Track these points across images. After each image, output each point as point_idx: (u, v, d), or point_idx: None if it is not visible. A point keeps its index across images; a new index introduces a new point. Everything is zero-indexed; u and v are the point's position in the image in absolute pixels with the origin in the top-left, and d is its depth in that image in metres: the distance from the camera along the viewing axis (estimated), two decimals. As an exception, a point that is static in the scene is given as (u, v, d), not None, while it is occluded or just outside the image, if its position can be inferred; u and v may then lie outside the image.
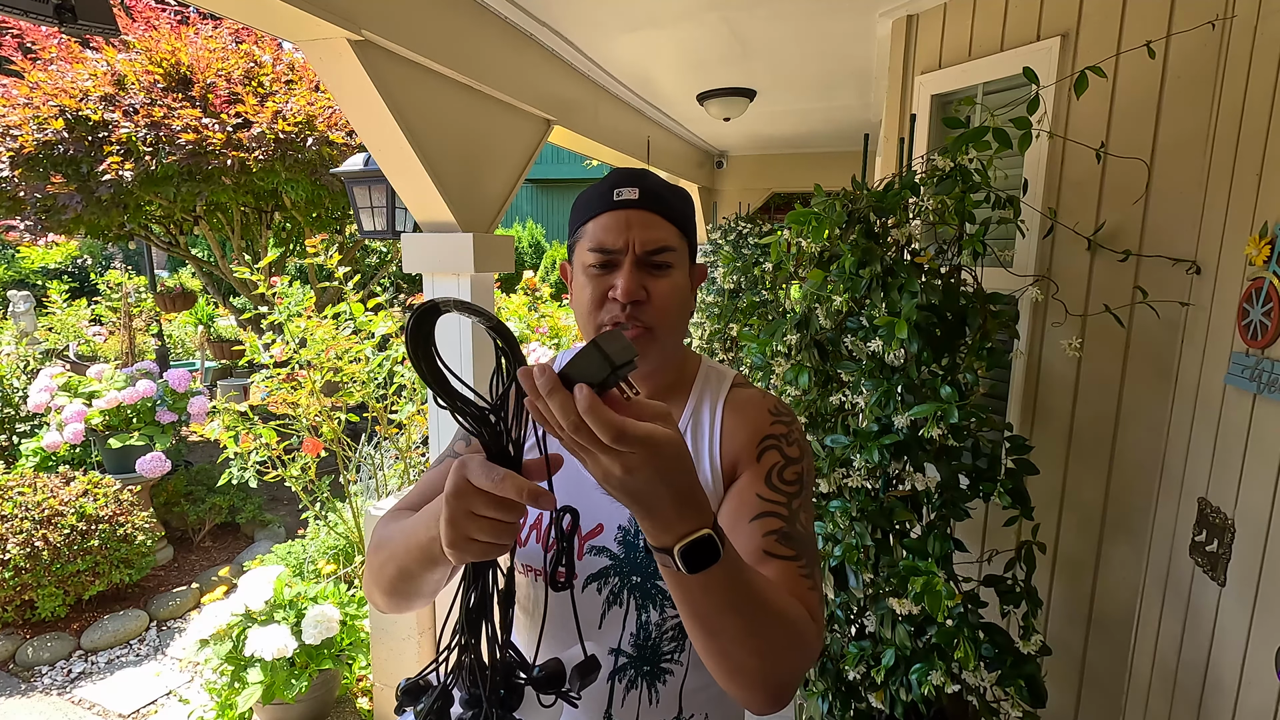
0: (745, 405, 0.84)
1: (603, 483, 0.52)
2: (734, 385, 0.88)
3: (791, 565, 0.72)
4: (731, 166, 5.37)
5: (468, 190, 2.01)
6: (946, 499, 1.42)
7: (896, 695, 1.43)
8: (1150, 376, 1.55)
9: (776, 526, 0.75)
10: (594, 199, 0.82)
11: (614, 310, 0.78)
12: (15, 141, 3.63)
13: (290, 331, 2.81)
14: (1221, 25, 1.36)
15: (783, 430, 0.82)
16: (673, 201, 0.81)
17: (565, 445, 0.51)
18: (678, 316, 0.81)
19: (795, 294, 1.70)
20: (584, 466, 0.52)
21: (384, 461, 3.07)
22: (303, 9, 1.37)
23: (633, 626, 0.80)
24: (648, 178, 0.81)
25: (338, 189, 4.05)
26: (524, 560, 0.83)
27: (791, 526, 0.75)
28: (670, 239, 0.79)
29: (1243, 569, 1.18)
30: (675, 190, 0.83)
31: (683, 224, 0.82)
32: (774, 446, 0.80)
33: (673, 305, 0.80)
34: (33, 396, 3.69)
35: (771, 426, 0.82)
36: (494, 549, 0.56)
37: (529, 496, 0.52)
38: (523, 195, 14.37)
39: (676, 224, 0.81)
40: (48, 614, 3.02)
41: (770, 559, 0.72)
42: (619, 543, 0.80)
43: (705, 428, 0.84)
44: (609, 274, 0.79)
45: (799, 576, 0.72)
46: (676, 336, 0.83)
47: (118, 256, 9.72)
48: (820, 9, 2.18)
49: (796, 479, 0.79)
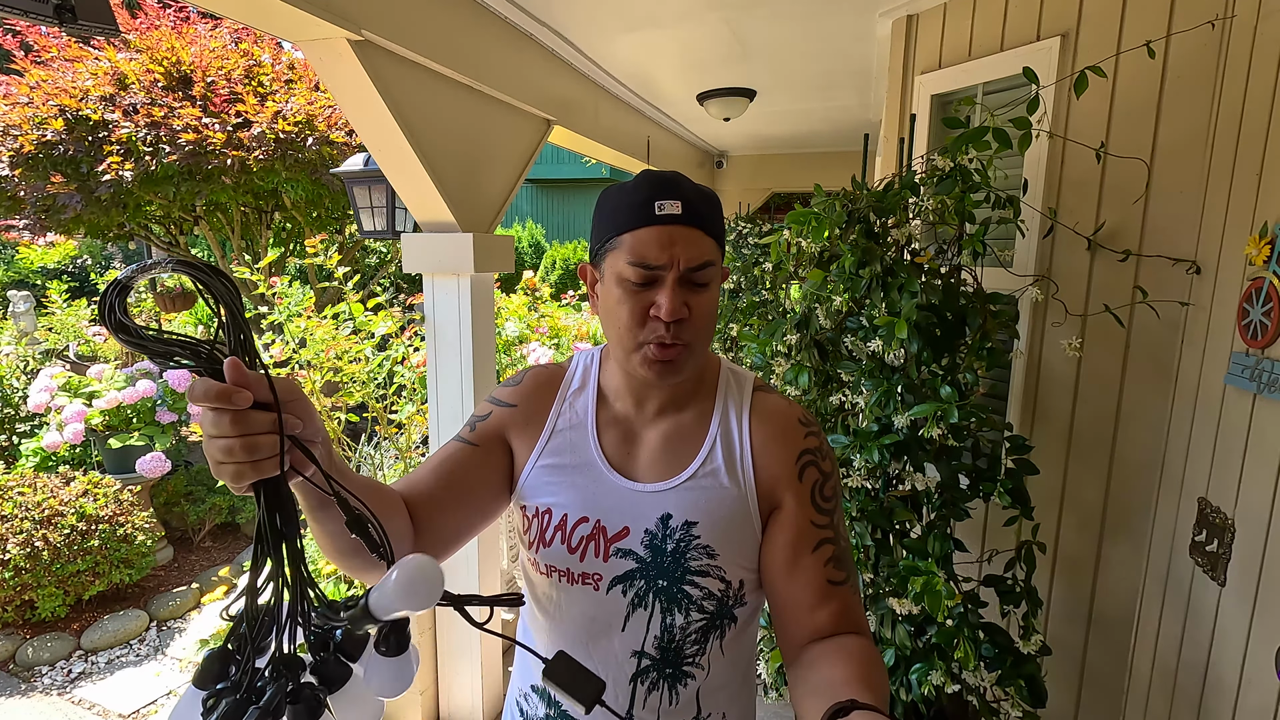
0: (773, 416, 0.85)
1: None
2: (755, 389, 0.88)
3: (846, 589, 0.79)
4: (731, 166, 5.37)
5: (468, 190, 2.01)
6: (946, 499, 1.42)
7: (896, 695, 1.43)
8: (1150, 376, 1.55)
9: (831, 553, 0.79)
10: (632, 209, 0.77)
11: (658, 329, 0.76)
12: (15, 141, 3.63)
13: (290, 331, 2.81)
14: (1221, 25, 1.36)
15: (815, 444, 0.84)
16: (711, 214, 0.79)
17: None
18: (712, 329, 0.82)
19: (795, 294, 1.70)
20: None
21: (384, 461, 3.07)
22: (303, 9, 1.37)
23: (656, 629, 0.80)
24: (683, 186, 0.78)
25: (338, 189, 4.05)
26: (547, 561, 0.82)
27: (839, 545, 0.80)
28: (712, 254, 0.78)
29: (1243, 569, 1.18)
30: (709, 199, 0.80)
31: (720, 236, 0.81)
32: (812, 463, 0.82)
33: (711, 320, 0.80)
34: (33, 396, 3.68)
35: (805, 440, 0.83)
36: (231, 469, 0.53)
37: (217, 396, 0.51)
38: (523, 195, 14.36)
39: (716, 238, 0.80)
40: (48, 614, 3.01)
41: (832, 588, 0.78)
42: (645, 546, 0.80)
43: (735, 441, 0.83)
44: (648, 290, 0.76)
45: (851, 596, 0.79)
46: (708, 347, 0.84)
47: (117, 256, 9.71)
48: (820, 9, 2.18)
49: (834, 493, 0.83)
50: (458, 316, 2.04)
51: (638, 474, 0.83)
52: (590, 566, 0.81)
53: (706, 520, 0.79)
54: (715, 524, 0.80)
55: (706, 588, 0.79)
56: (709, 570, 0.79)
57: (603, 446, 0.85)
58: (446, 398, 2.10)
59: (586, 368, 0.92)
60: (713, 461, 0.82)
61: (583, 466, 0.84)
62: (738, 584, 0.80)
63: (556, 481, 0.85)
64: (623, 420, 0.86)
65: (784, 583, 0.79)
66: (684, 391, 0.85)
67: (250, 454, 0.52)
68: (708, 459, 0.82)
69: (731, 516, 0.80)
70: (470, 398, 2.07)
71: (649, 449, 0.84)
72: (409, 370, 2.90)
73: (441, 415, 2.13)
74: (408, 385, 2.94)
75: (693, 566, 0.79)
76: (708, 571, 0.79)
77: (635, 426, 0.86)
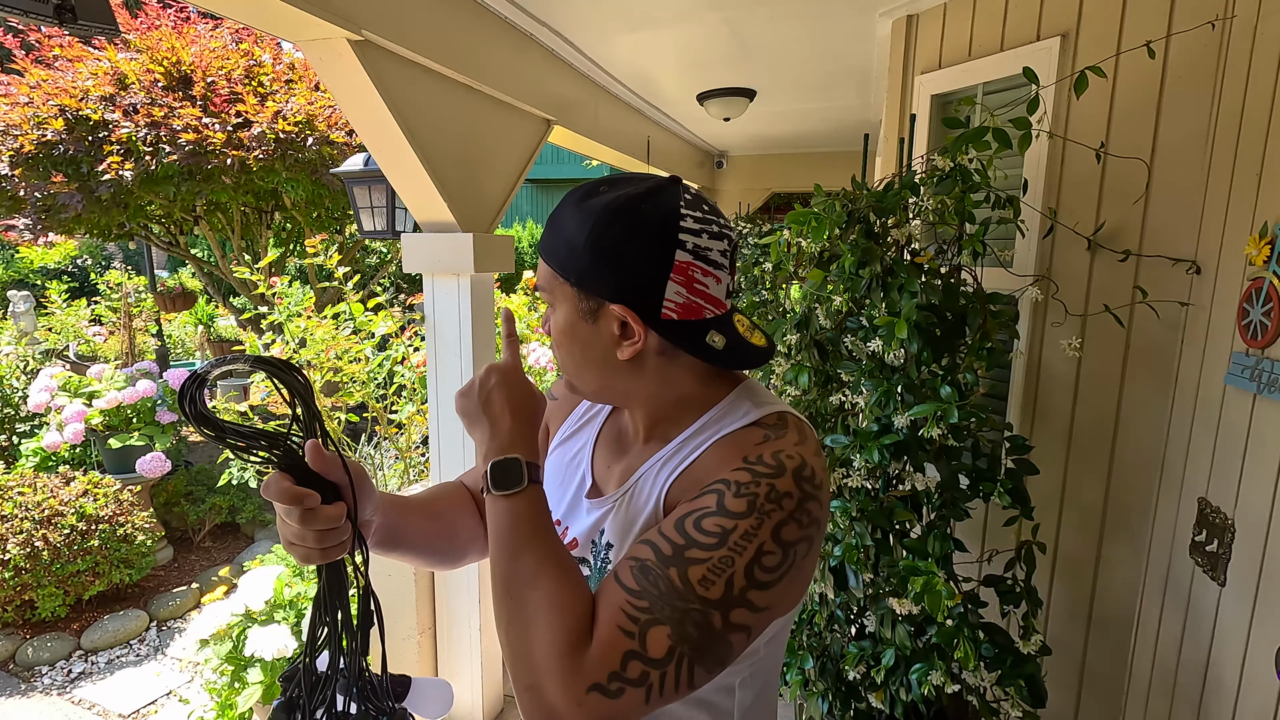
0: (728, 444, 0.70)
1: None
2: (753, 423, 0.71)
3: (620, 593, 0.59)
4: (731, 166, 5.37)
5: (468, 190, 2.01)
6: (946, 499, 1.42)
7: (896, 695, 1.43)
8: (1150, 376, 1.55)
9: (644, 555, 0.61)
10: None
11: None
12: (15, 141, 3.64)
13: (290, 331, 2.81)
14: (1221, 25, 1.36)
15: (743, 479, 0.63)
16: (549, 239, 0.73)
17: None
18: (568, 353, 0.74)
19: (795, 294, 1.70)
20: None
21: (384, 461, 3.07)
22: (303, 9, 1.38)
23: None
24: (557, 212, 0.73)
25: (338, 189, 4.05)
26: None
27: (661, 569, 0.59)
28: (543, 279, 0.75)
29: (1243, 569, 1.18)
30: (556, 221, 0.72)
31: (556, 260, 0.71)
32: (715, 491, 0.64)
33: (559, 344, 0.75)
34: (33, 396, 3.69)
35: (732, 472, 0.65)
36: (301, 552, 0.64)
37: (290, 499, 0.61)
38: (523, 195, 14.37)
39: (549, 261, 0.73)
40: (48, 614, 3.01)
41: (608, 583, 0.61)
42: (587, 562, 0.78)
43: (677, 459, 0.72)
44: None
45: (618, 607, 0.59)
46: (589, 374, 0.75)
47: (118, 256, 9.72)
48: (820, 9, 2.18)
49: (717, 535, 0.60)
50: (458, 316, 2.04)
51: (606, 488, 0.81)
52: None
53: (620, 544, 0.74)
54: (625, 548, 0.71)
55: None
56: None
57: (595, 456, 0.85)
58: (446, 398, 2.10)
59: None
60: (644, 479, 0.74)
61: (572, 467, 0.85)
62: None
63: (552, 476, 0.87)
64: (623, 435, 0.85)
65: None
66: (659, 414, 0.77)
67: (320, 543, 0.63)
68: (640, 478, 0.75)
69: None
70: (470, 398, 2.06)
71: (623, 464, 0.82)
72: (409, 370, 2.90)
73: (441, 415, 2.13)
74: (408, 385, 2.94)
75: None
76: None
77: (628, 441, 0.83)
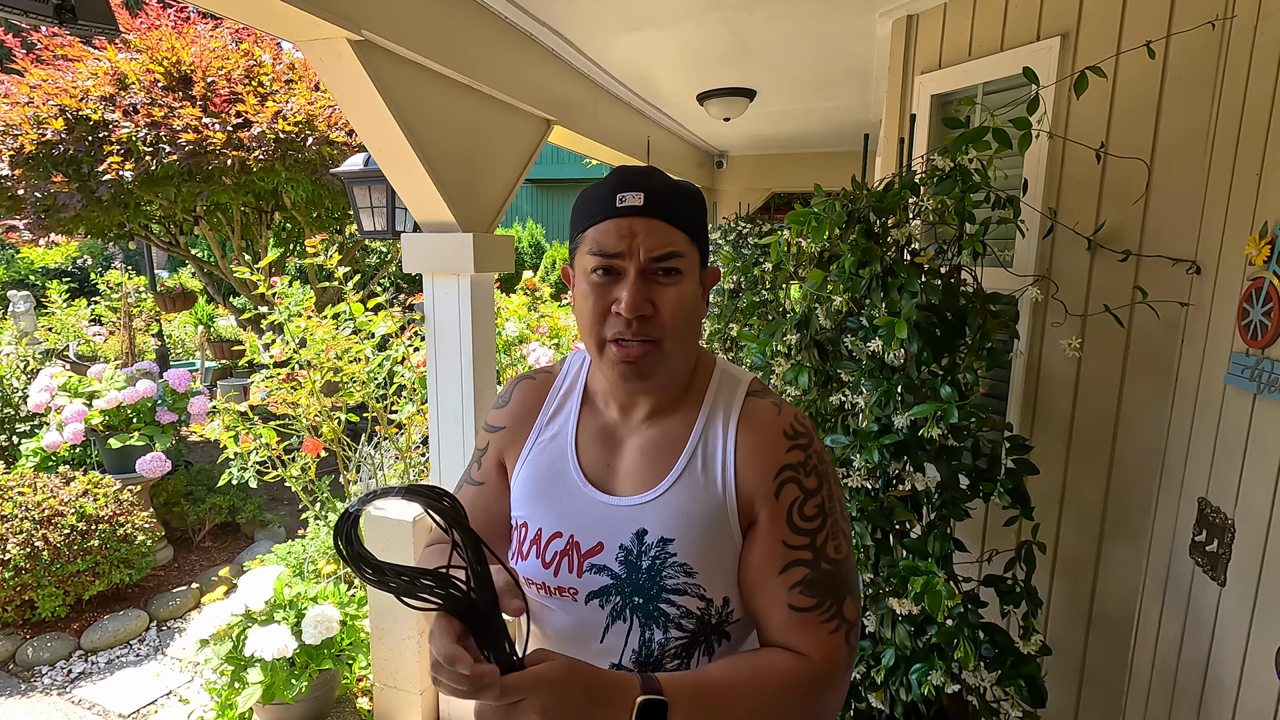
0: (759, 425, 0.79)
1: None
2: (749, 394, 0.82)
3: (812, 615, 0.74)
4: (731, 166, 5.37)
5: (468, 190, 2.01)
6: (946, 499, 1.42)
7: (896, 695, 1.43)
8: (1150, 376, 1.55)
9: (802, 576, 0.74)
10: (595, 203, 0.76)
11: (618, 325, 0.74)
12: (16, 141, 3.63)
13: (290, 331, 2.81)
14: (1221, 25, 1.36)
15: (799, 458, 0.77)
16: (680, 205, 0.75)
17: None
18: (686, 328, 0.76)
19: (795, 294, 1.70)
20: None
21: (384, 461, 3.07)
22: (303, 9, 1.38)
23: (635, 643, 0.77)
24: (653, 179, 0.76)
25: (338, 189, 4.05)
26: (525, 574, 0.82)
27: (816, 569, 0.74)
28: (679, 245, 0.74)
29: (1243, 569, 1.18)
30: (683, 191, 0.77)
31: (692, 228, 0.76)
32: (791, 479, 0.76)
33: (681, 317, 0.75)
34: (33, 396, 3.68)
35: (788, 454, 0.77)
36: (446, 689, 0.62)
37: (470, 686, 0.57)
38: (523, 195, 14.37)
39: (685, 229, 0.75)
40: (48, 614, 3.01)
41: (794, 614, 0.74)
42: (620, 562, 0.77)
43: (717, 450, 0.78)
44: (612, 284, 0.75)
45: (819, 624, 0.74)
46: (685, 348, 0.79)
47: (118, 256, 9.72)
48: (820, 9, 2.18)
49: (818, 512, 0.76)
50: (458, 316, 2.04)
51: (616, 486, 0.80)
52: (565, 581, 0.79)
53: (683, 536, 0.75)
54: (693, 540, 0.75)
55: (684, 606, 0.75)
56: (686, 589, 0.75)
57: (581, 457, 0.83)
58: (446, 398, 2.11)
59: (577, 371, 0.90)
60: (691, 472, 0.78)
61: (559, 479, 0.83)
62: (721, 601, 0.76)
63: (533, 494, 0.84)
64: (609, 428, 0.84)
65: (750, 603, 0.77)
66: (670, 396, 0.82)
67: (475, 692, 0.59)
68: (686, 469, 0.78)
69: (709, 532, 0.76)
70: (470, 398, 2.07)
71: (629, 459, 0.81)
72: (409, 370, 2.90)
73: (441, 415, 2.13)
74: (408, 385, 2.94)
75: (669, 585, 0.75)
76: (685, 590, 0.75)
77: (620, 434, 0.83)
